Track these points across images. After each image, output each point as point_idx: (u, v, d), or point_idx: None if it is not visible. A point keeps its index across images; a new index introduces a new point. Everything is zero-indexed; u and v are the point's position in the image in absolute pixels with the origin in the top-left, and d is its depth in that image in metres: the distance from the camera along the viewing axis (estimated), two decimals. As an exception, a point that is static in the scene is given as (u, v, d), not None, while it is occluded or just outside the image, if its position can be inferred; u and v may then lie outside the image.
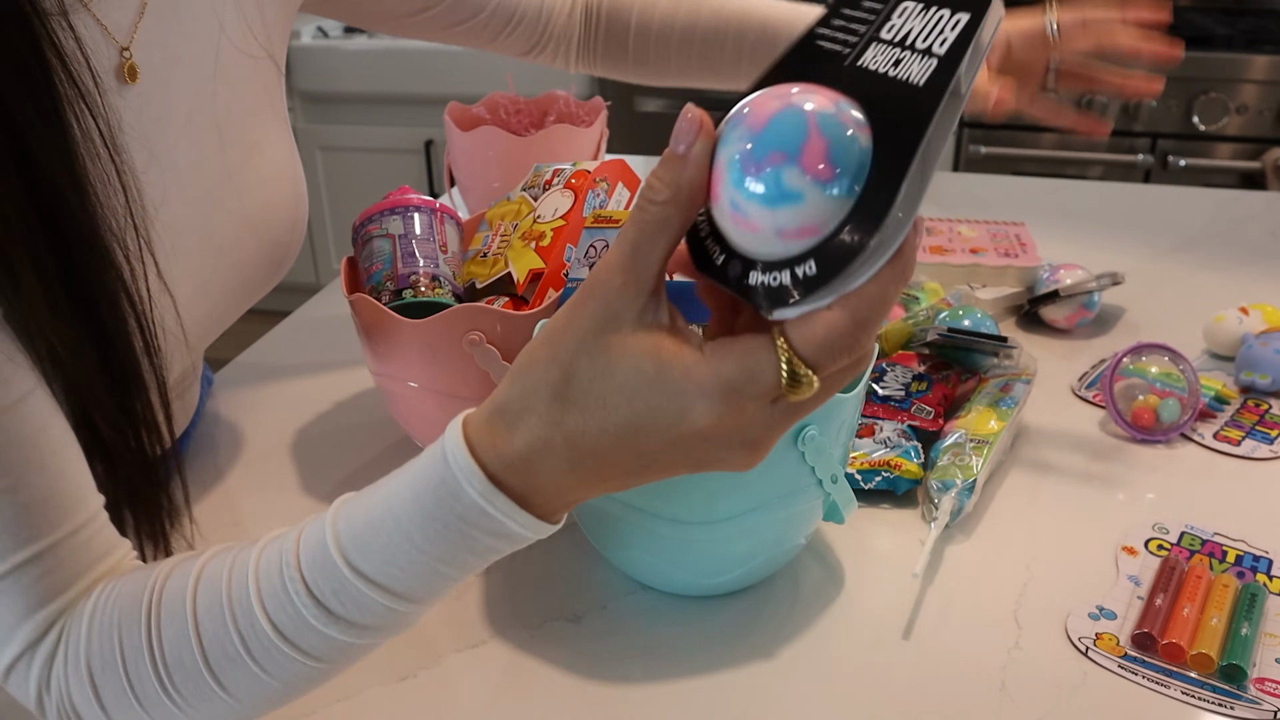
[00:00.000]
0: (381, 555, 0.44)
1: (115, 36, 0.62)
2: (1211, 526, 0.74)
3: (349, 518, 0.46)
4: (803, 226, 0.37)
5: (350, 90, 2.75)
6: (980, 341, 0.90)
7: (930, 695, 0.60)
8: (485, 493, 0.43)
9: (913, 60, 0.38)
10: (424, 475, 0.44)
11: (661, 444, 0.40)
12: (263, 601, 0.46)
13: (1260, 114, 2.29)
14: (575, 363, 0.41)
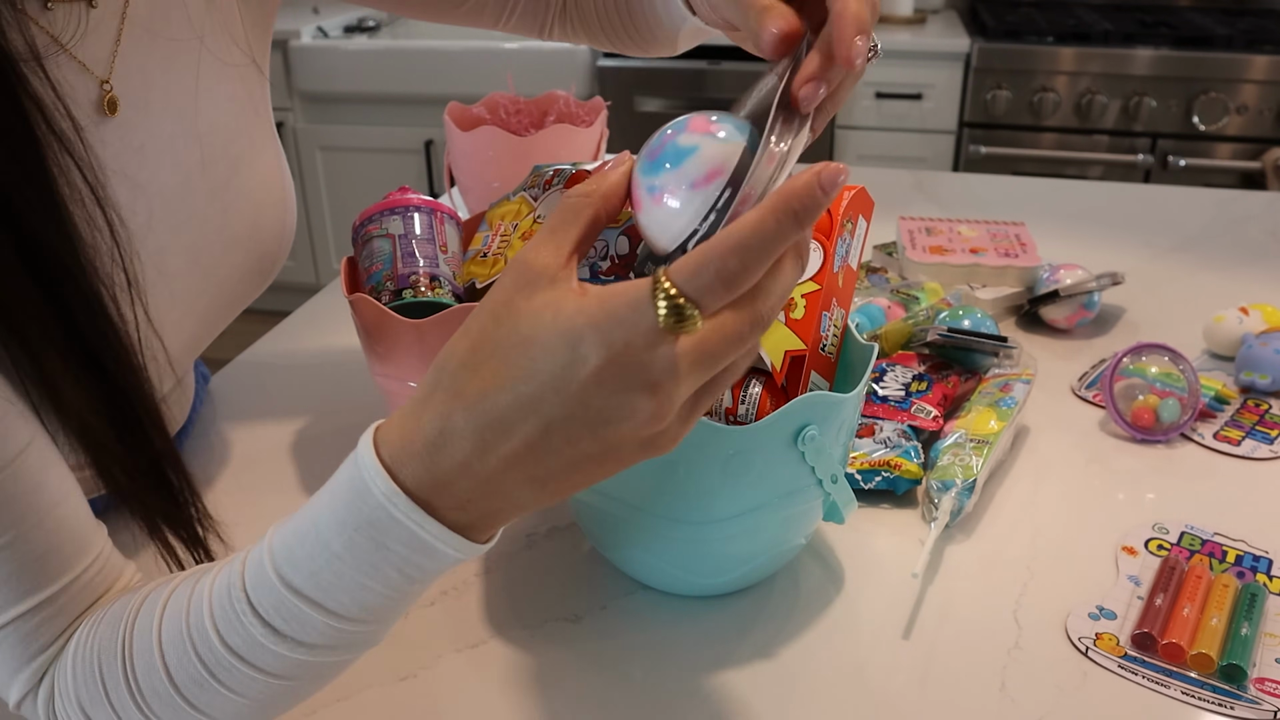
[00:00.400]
0: (308, 567, 0.44)
1: (94, 71, 0.61)
2: (1211, 526, 0.74)
3: (281, 532, 0.46)
4: (709, 170, 0.43)
5: (350, 90, 2.75)
6: (980, 341, 0.90)
7: (930, 695, 0.60)
8: (388, 493, 0.42)
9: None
10: (339, 480, 0.44)
11: (557, 398, 0.39)
12: (216, 624, 0.46)
13: (1260, 114, 2.29)
14: (483, 329, 0.41)
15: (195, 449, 0.87)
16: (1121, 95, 2.34)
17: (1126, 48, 2.32)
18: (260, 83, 0.75)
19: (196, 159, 0.67)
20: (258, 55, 0.74)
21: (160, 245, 0.64)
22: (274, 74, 2.76)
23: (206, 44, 0.68)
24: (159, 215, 0.64)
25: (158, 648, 0.47)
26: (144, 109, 0.63)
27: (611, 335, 0.38)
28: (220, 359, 1.03)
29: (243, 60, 0.72)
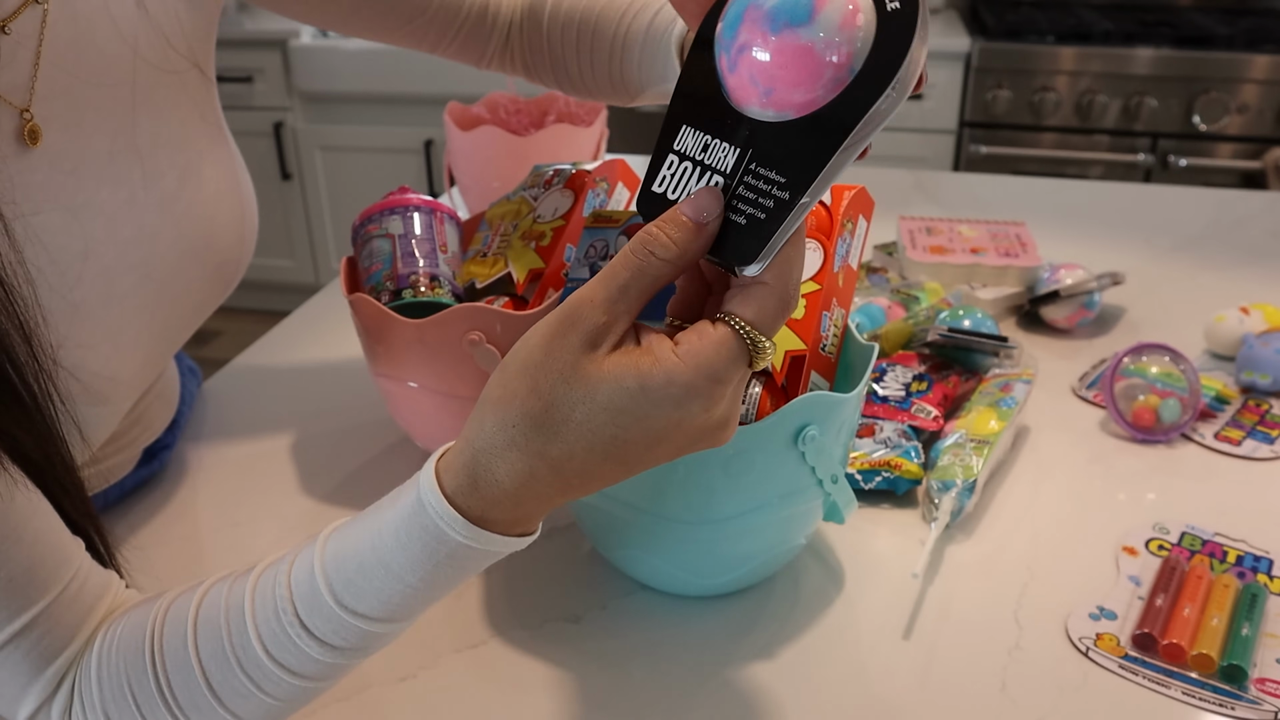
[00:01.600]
0: (376, 597, 0.47)
1: (10, 100, 0.58)
2: (1212, 527, 0.74)
3: (338, 561, 0.47)
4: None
5: (350, 90, 2.75)
6: (980, 341, 0.90)
7: (930, 695, 0.60)
8: (469, 534, 0.45)
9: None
10: (406, 525, 0.46)
11: (648, 448, 0.43)
12: (265, 647, 0.48)
13: (1261, 114, 2.29)
14: (554, 392, 0.42)
15: (193, 448, 0.87)
16: (1122, 95, 2.33)
17: (1127, 47, 2.32)
18: (205, 87, 0.72)
19: (139, 174, 0.65)
20: (201, 59, 0.71)
21: (106, 266, 0.63)
22: (274, 73, 2.76)
23: (141, 54, 0.65)
24: (102, 235, 0.62)
25: (195, 658, 0.48)
26: (75, 130, 0.61)
27: (708, 398, 0.42)
28: (220, 359, 1.03)
29: (183, 66, 0.69)
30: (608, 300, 0.42)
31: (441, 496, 0.44)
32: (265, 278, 3.00)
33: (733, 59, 0.42)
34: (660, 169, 0.44)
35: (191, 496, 0.81)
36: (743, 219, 0.42)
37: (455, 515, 0.44)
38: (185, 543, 0.76)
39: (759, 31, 0.41)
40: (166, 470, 0.84)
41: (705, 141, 0.44)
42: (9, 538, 0.48)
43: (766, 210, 0.42)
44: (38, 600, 0.49)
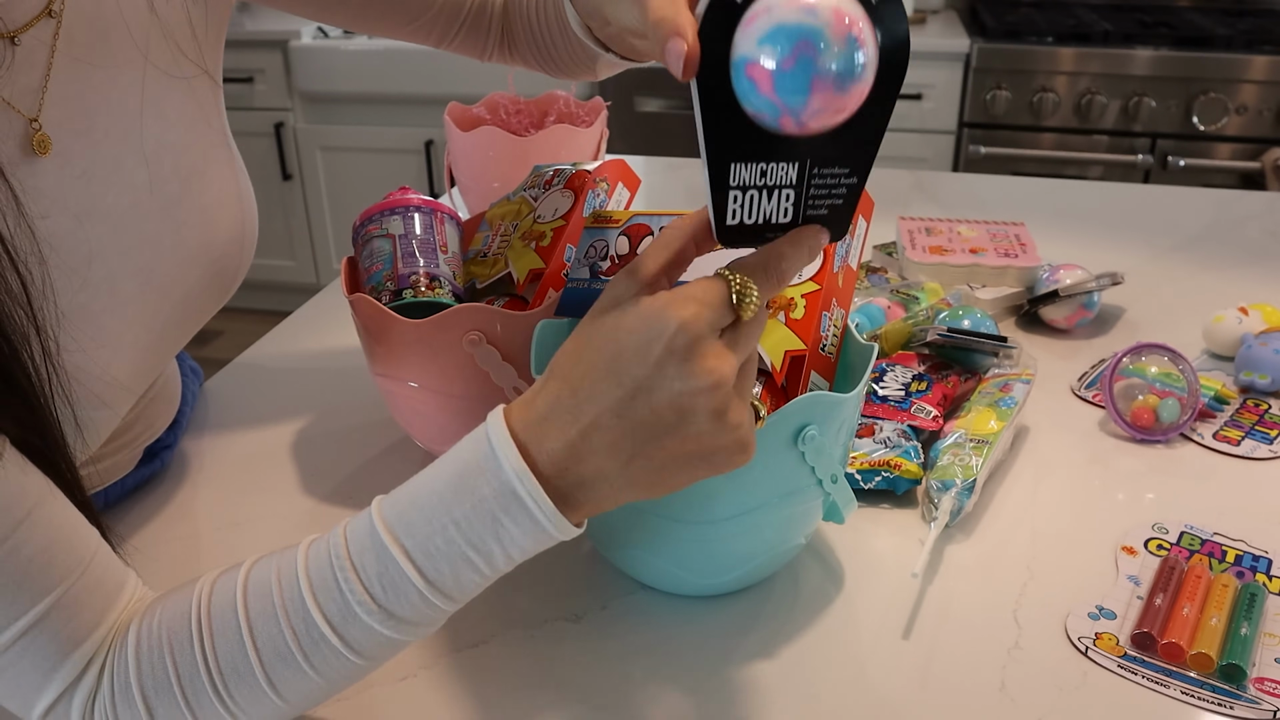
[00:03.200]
0: (423, 530, 0.48)
1: (20, 109, 0.58)
2: (1211, 526, 0.74)
3: (393, 501, 0.50)
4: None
5: (350, 90, 2.75)
6: (980, 341, 0.90)
7: (930, 695, 0.60)
8: (518, 471, 0.47)
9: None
10: (466, 451, 0.49)
11: (639, 363, 0.46)
12: (314, 593, 0.49)
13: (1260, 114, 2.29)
14: (581, 332, 0.49)
15: (194, 448, 0.87)
16: (1121, 95, 2.34)
17: (1126, 48, 2.32)
18: (213, 91, 0.73)
19: (144, 180, 0.65)
20: (210, 63, 0.72)
21: (110, 271, 0.63)
22: (275, 74, 2.76)
23: (151, 60, 0.66)
24: (107, 240, 0.63)
25: (245, 625, 0.49)
26: (84, 137, 0.61)
27: (686, 313, 0.46)
28: (220, 359, 1.04)
29: (193, 71, 0.70)
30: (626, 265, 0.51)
31: (504, 425, 0.48)
32: (266, 278, 3.00)
33: (804, 119, 0.46)
34: (727, 206, 0.49)
35: (192, 496, 0.81)
36: (824, 210, 0.50)
37: (509, 443, 0.48)
38: (185, 542, 0.76)
39: (831, 95, 0.45)
40: (167, 469, 0.84)
41: (760, 169, 0.48)
42: (24, 522, 0.48)
43: (842, 197, 0.50)
44: (57, 584, 0.49)
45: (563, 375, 0.48)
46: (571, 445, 0.48)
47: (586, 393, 0.47)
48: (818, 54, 0.43)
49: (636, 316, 0.47)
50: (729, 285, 0.47)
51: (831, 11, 0.43)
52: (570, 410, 0.48)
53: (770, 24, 0.44)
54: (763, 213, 0.49)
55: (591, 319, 0.49)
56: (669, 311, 0.46)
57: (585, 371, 0.48)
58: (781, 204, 0.49)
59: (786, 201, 0.49)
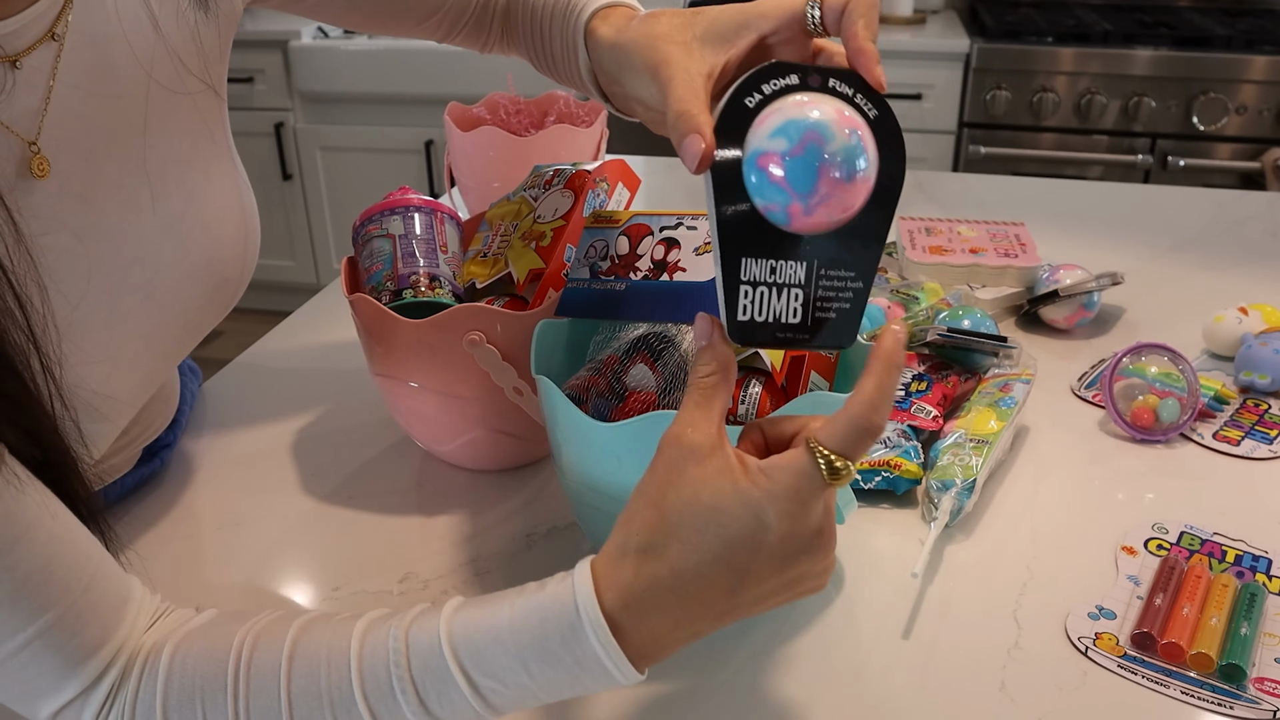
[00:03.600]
0: (497, 675, 0.48)
1: (18, 133, 0.58)
2: (1211, 526, 0.74)
3: (466, 629, 0.49)
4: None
5: (350, 90, 2.75)
6: (980, 341, 0.90)
7: (930, 695, 0.60)
8: (606, 648, 0.47)
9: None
10: (553, 616, 0.48)
11: (751, 554, 0.47)
12: (365, 694, 0.49)
13: (1259, 114, 2.29)
14: (664, 498, 0.48)
15: (194, 448, 0.87)
16: (1121, 95, 2.34)
17: (1126, 48, 2.32)
18: (217, 106, 0.72)
19: (146, 197, 0.65)
20: (215, 78, 0.71)
21: (110, 287, 0.63)
22: (275, 74, 2.76)
23: (155, 78, 0.65)
24: (108, 256, 0.63)
25: (284, 697, 0.49)
26: (85, 156, 0.61)
27: (788, 499, 0.46)
28: (220, 359, 1.04)
29: (198, 87, 0.69)
30: (688, 416, 0.49)
31: (595, 600, 0.47)
32: (266, 278, 3.00)
33: (810, 207, 0.49)
34: (738, 300, 0.50)
35: (192, 496, 0.81)
36: (833, 313, 0.51)
37: (602, 622, 0.47)
38: (185, 542, 0.76)
39: (836, 183, 0.48)
40: (167, 470, 0.84)
41: (771, 266, 0.51)
42: (21, 537, 0.48)
43: (850, 300, 0.51)
44: (60, 597, 0.49)
45: (654, 553, 0.48)
46: (676, 624, 0.48)
47: (691, 576, 0.47)
48: (824, 143, 0.48)
49: (737, 503, 0.47)
50: (815, 460, 0.47)
51: (835, 111, 0.49)
52: (673, 591, 0.47)
53: (782, 119, 0.48)
54: (773, 311, 0.51)
55: (666, 486, 0.48)
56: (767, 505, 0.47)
57: (687, 555, 0.47)
58: (791, 303, 0.51)
59: (795, 301, 0.51)
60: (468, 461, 0.82)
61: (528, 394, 0.73)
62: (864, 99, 0.50)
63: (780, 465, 0.47)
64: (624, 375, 0.66)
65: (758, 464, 0.48)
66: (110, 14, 0.62)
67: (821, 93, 0.50)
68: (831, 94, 0.50)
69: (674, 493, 0.47)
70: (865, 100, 0.50)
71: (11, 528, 0.48)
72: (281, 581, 0.72)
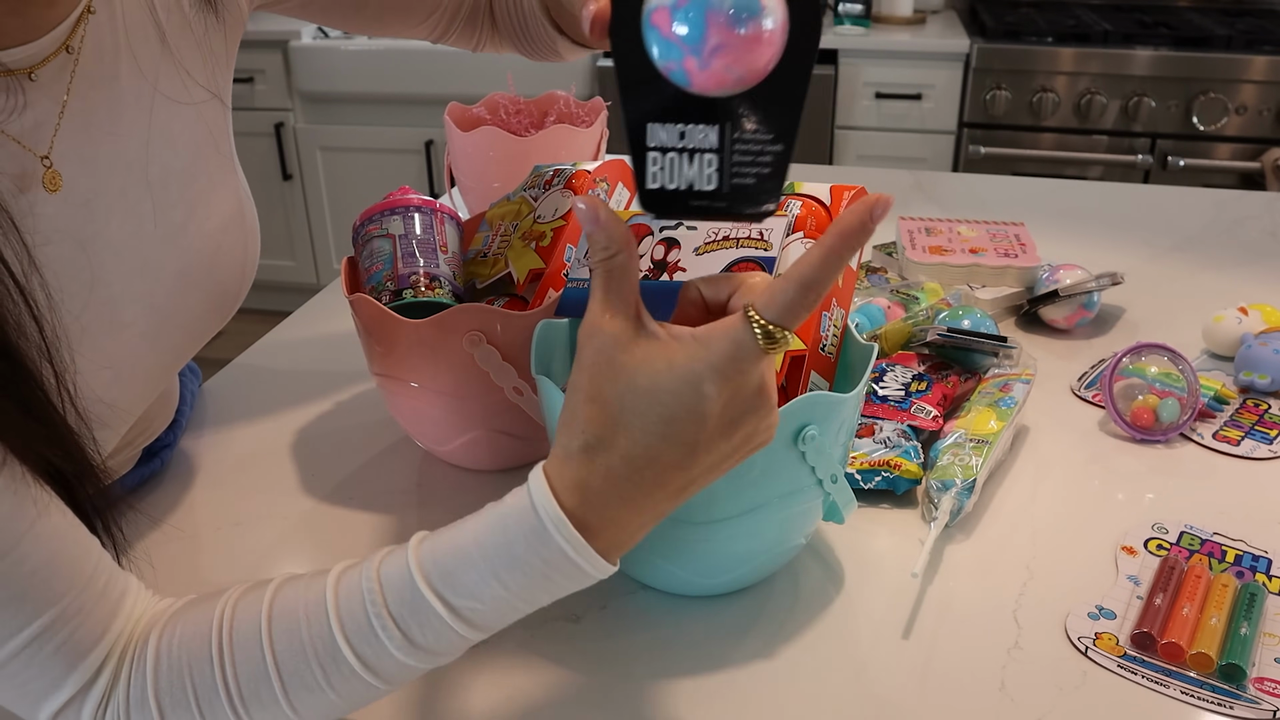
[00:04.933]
0: (469, 590, 0.49)
1: (32, 148, 0.58)
2: (1211, 526, 0.74)
3: (434, 554, 0.50)
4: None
5: (350, 90, 2.75)
6: (980, 341, 0.90)
7: (930, 695, 0.60)
8: (571, 542, 0.47)
9: None
10: (514, 523, 0.49)
11: (697, 425, 0.47)
12: (347, 637, 0.49)
13: (1259, 114, 2.29)
14: (600, 391, 0.47)
15: (194, 448, 0.87)
16: (1121, 95, 2.34)
17: (1126, 48, 2.32)
18: (222, 115, 0.72)
19: (148, 208, 0.65)
20: (220, 87, 0.72)
21: (112, 296, 0.63)
22: (275, 74, 2.76)
23: (160, 89, 0.65)
24: (110, 266, 0.63)
25: (269, 654, 0.49)
26: (90, 166, 0.61)
27: (726, 369, 0.46)
28: (220, 359, 1.04)
29: (202, 96, 0.69)
30: (601, 302, 0.48)
31: (552, 498, 0.48)
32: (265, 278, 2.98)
33: (705, 59, 0.47)
34: (646, 168, 0.49)
35: (192, 496, 0.81)
36: (750, 179, 0.49)
37: (563, 518, 0.47)
38: (185, 542, 0.76)
39: (728, 32, 0.46)
40: (167, 470, 0.84)
41: (679, 131, 0.49)
42: (26, 535, 0.49)
43: (769, 165, 0.49)
44: (61, 595, 0.49)
45: (601, 443, 0.48)
46: (636, 508, 0.48)
47: (642, 460, 0.47)
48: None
49: (674, 380, 0.46)
50: (752, 329, 0.46)
51: None
52: (628, 479, 0.48)
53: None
54: (685, 178, 0.49)
55: (600, 377, 0.48)
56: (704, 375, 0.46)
57: (636, 440, 0.47)
58: (704, 169, 0.49)
59: (709, 167, 0.49)
60: (468, 461, 0.82)
61: (528, 394, 0.73)
62: None
63: (716, 334, 0.46)
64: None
65: (690, 333, 0.47)
66: (119, 27, 0.63)
67: None
68: None
69: (608, 384, 0.47)
70: None
71: (14, 528, 0.48)
72: (281, 581, 0.72)
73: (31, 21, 0.57)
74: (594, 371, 0.47)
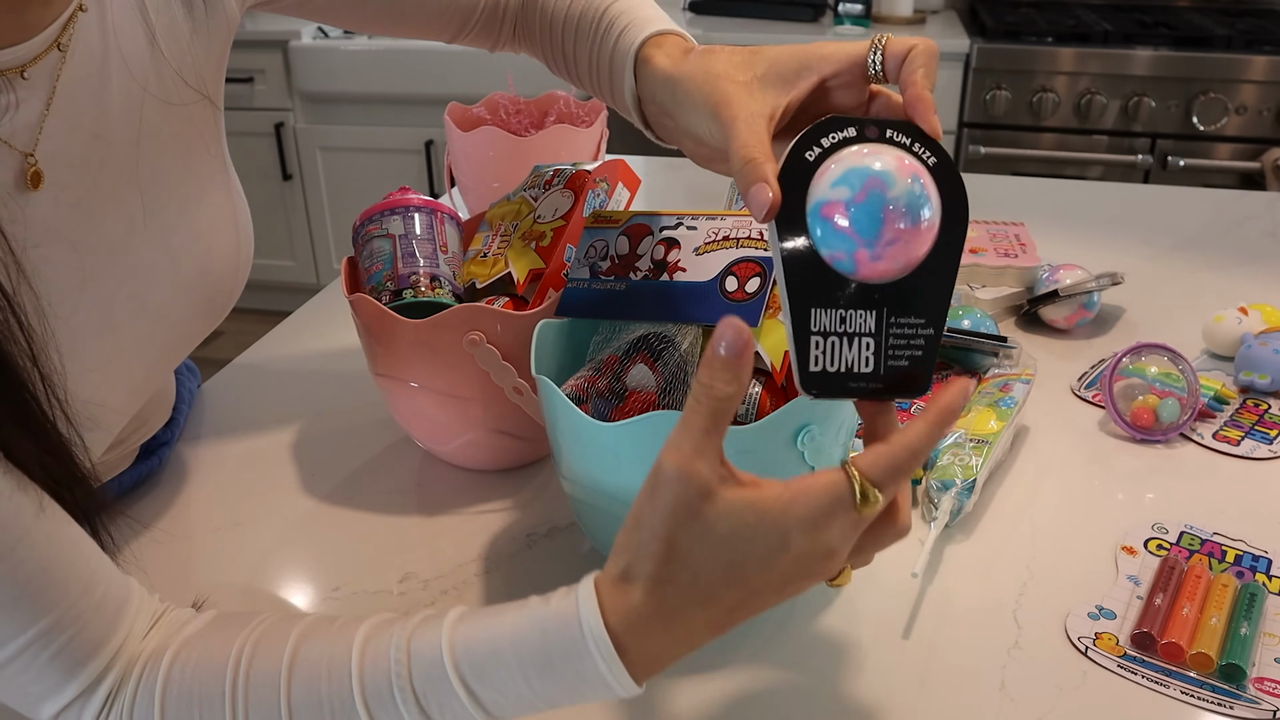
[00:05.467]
0: (496, 687, 0.48)
1: (15, 146, 0.58)
2: (1211, 526, 0.74)
3: (468, 642, 0.49)
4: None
5: (350, 90, 2.75)
6: (980, 341, 0.90)
7: (930, 695, 0.60)
8: (610, 663, 0.47)
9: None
10: (555, 631, 0.48)
11: (763, 573, 0.47)
12: (366, 702, 0.49)
13: (1259, 114, 2.29)
14: (674, 535, 0.46)
15: (193, 449, 0.87)
16: (1121, 95, 2.34)
17: (1126, 48, 2.32)
18: (212, 115, 0.72)
19: (139, 209, 0.65)
20: (211, 88, 0.71)
21: (103, 297, 0.63)
22: (275, 74, 2.76)
23: (150, 90, 0.65)
24: (102, 266, 0.63)
25: (285, 706, 0.49)
26: (80, 167, 0.61)
27: (816, 521, 0.46)
28: (220, 359, 1.04)
29: (193, 98, 0.69)
30: (696, 446, 0.46)
31: (599, 617, 0.47)
32: (265, 278, 3.00)
33: (877, 252, 0.50)
34: (810, 351, 0.50)
35: (191, 497, 0.81)
36: (905, 361, 0.51)
37: (607, 640, 0.47)
38: (185, 543, 0.76)
39: (901, 228, 0.49)
40: (166, 470, 0.84)
41: (840, 315, 0.51)
42: (21, 540, 0.48)
43: (921, 348, 0.51)
44: (58, 601, 0.49)
45: (665, 580, 0.47)
46: (677, 642, 0.48)
47: (699, 598, 0.47)
48: (887, 189, 0.49)
49: (762, 531, 0.46)
50: (852, 484, 0.46)
51: (896, 159, 0.50)
52: (679, 612, 0.47)
53: (843, 169, 0.50)
54: (844, 360, 0.51)
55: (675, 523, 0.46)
56: (794, 528, 0.46)
57: (700, 579, 0.46)
58: (862, 352, 0.51)
59: (867, 350, 0.51)
60: (468, 461, 0.82)
61: (528, 394, 0.73)
62: (921, 147, 0.51)
63: (816, 486, 0.46)
64: (624, 375, 0.66)
65: (783, 485, 0.47)
66: (109, 28, 0.62)
67: (880, 143, 0.51)
68: (890, 144, 0.51)
69: (685, 530, 0.46)
70: (923, 148, 0.51)
71: (11, 531, 0.48)
72: (281, 582, 0.72)
73: (29, 20, 0.57)
74: (674, 517, 0.46)
